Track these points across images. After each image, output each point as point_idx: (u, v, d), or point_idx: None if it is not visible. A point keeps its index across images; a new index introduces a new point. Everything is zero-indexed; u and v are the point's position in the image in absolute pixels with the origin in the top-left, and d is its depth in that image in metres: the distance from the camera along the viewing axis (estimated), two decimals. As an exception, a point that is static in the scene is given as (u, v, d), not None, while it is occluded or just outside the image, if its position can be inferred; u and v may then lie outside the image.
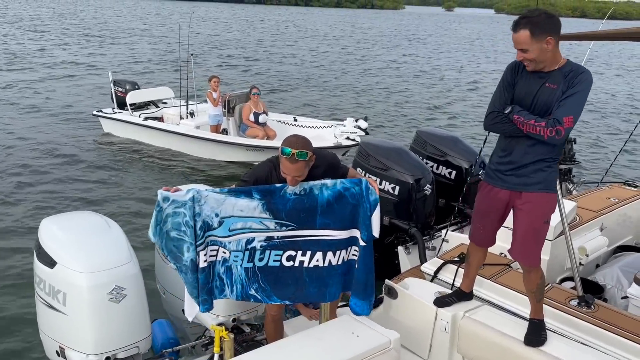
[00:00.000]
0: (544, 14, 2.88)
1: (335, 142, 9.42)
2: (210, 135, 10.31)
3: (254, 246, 3.00)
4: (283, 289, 3.10)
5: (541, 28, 2.82)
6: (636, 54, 38.98)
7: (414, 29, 62.47)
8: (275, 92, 18.22)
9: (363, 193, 3.01)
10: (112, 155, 10.62)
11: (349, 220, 3.04)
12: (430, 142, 6.07)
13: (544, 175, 2.99)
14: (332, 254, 3.07)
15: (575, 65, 2.94)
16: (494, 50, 39.03)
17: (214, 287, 3.05)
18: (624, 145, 6.90)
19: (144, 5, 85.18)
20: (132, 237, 4.43)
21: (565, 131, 2.81)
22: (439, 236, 5.26)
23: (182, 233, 2.88)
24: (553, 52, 2.88)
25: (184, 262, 2.92)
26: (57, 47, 27.74)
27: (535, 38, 2.83)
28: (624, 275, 4.28)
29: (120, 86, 11.66)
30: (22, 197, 8.36)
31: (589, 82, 2.86)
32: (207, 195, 2.90)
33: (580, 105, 2.85)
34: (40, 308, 3.35)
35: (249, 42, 35.91)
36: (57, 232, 3.37)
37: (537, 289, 3.14)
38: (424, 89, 20.74)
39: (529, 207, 3.02)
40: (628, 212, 5.28)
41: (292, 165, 2.87)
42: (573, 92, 2.83)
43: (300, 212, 2.99)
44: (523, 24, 2.86)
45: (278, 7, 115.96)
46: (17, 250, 6.51)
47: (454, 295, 3.48)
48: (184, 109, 10.78)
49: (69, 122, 13.00)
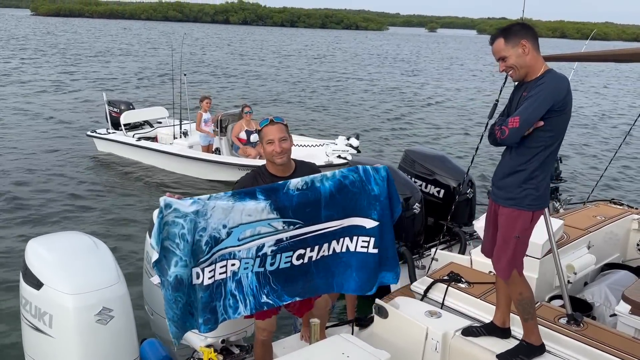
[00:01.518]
0: (517, 24, 2.97)
1: (327, 161, 9.43)
2: (203, 155, 10.29)
3: (264, 252, 2.97)
4: (292, 286, 3.08)
5: (514, 33, 2.90)
6: (618, 73, 39.70)
7: (405, 49, 63.23)
8: (265, 108, 18.28)
9: (363, 178, 3.04)
10: (103, 176, 10.55)
11: (351, 208, 3.06)
12: (418, 161, 6.11)
13: (517, 191, 2.97)
14: (336, 242, 3.10)
15: (547, 73, 2.91)
16: (477, 70, 39.56)
17: (227, 307, 2.95)
18: (609, 163, 6.98)
19: (137, 26, 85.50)
20: (120, 257, 4.39)
21: (509, 131, 2.82)
22: (429, 255, 5.27)
23: (174, 245, 2.75)
24: (532, 58, 2.90)
25: (167, 277, 2.77)
26: (51, 67, 27.79)
27: (509, 43, 2.90)
28: (612, 292, 4.31)
29: (114, 106, 11.66)
30: (9, 217, 8.25)
31: (545, 85, 2.83)
32: (213, 206, 2.80)
33: (529, 108, 2.81)
34: (25, 330, 3.28)
35: (237, 62, 36.11)
36: (43, 252, 3.32)
37: (518, 304, 3.11)
38: (415, 109, 20.92)
39: (501, 220, 3.07)
40: (614, 230, 5.33)
41: (273, 127, 3.12)
42: (528, 96, 2.87)
43: (306, 207, 2.98)
44: (497, 34, 2.98)
45: (265, 28, 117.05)
46: (2, 272, 6.41)
47: (484, 328, 3.38)
48: (177, 129, 10.80)
49: (61, 142, 12.93)
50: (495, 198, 3.11)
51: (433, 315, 3.53)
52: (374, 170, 3.08)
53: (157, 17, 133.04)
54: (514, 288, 3.09)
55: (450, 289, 3.86)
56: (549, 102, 2.81)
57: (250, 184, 3.14)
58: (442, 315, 3.54)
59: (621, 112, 22.45)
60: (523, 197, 2.96)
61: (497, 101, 4.44)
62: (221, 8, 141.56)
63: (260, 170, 3.26)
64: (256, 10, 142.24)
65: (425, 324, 3.41)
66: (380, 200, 3.07)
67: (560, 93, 2.83)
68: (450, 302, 3.82)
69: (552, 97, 2.81)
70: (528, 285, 3.14)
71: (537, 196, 2.96)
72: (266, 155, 3.21)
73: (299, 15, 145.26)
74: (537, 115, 2.82)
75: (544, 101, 2.81)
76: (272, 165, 3.23)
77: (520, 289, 3.09)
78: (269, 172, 3.24)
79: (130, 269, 5.39)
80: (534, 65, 2.92)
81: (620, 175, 12.64)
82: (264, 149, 3.19)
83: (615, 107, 23.78)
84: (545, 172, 2.96)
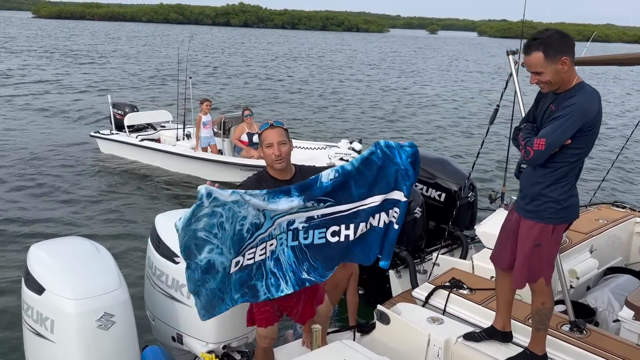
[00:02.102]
0: (555, 33, 2.74)
1: (329, 163, 9.41)
2: (205, 155, 10.34)
3: (295, 227, 3.00)
4: (331, 261, 3.10)
5: (555, 49, 2.70)
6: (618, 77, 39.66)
7: (409, 51, 63.29)
8: (267, 112, 18.29)
9: (387, 153, 2.99)
10: (106, 179, 10.54)
11: (385, 183, 3.03)
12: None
13: (536, 204, 2.91)
14: (373, 218, 3.10)
15: (579, 88, 2.78)
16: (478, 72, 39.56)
17: (270, 286, 2.99)
18: (611, 166, 6.97)
19: (140, 28, 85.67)
20: (122, 262, 4.38)
21: (534, 153, 2.73)
22: (430, 259, 5.26)
23: (211, 236, 2.74)
24: (569, 74, 2.77)
25: (197, 260, 2.76)
26: (56, 69, 27.92)
27: (549, 59, 2.71)
28: (615, 298, 4.29)
29: (119, 109, 11.76)
30: (12, 221, 8.24)
31: (577, 106, 2.70)
32: (249, 199, 2.81)
33: (557, 130, 2.71)
34: (27, 336, 3.29)
35: (239, 64, 36.15)
36: (45, 258, 3.34)
37: (536, 313, 3.06)
38: (415, 110, 20.91)
39: (522, 232, 3.01)
40: (617, 233, 5.31)
41: (273, 131, 3.14)
42: (556, 115, 2.75)
43: (339, 191, 2.99)
44: (535, 45, 2.73)
45: (265, 30, 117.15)
46: (4, 277, 6.41)
47: (484, 332, 3.34)
48: (180, 132, 10.89)
49: (64, 145, 12.95)
50: (518, 209, 3.07)
51: (435, 322, 3.52)
52: (398, 146, 3.00)
53: (158, 19, 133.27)
54: (538, 297, 3.05)
55: (452, 295, 3.85)
56: (578, 125, 2.71)
57: (253, 185, 3.14)
58: (444, 322, 3.53)
59: (621, 114, 22.42)
60: (542, 210, 2.90)
61: (498, 106, 4.43)
62: (222, 10, 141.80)
63: (262, 174, 3.27)
64: (257, 13, 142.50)
65: (427, 330, 3.41)
66: (409, 175, 3.02)
67: (590, 114, 2.72)
68: (452, 308, 3.80)
69: (581, 120, 2.71)
70: (552, 297, 3.10)
71: (558, 209, 2.88)
72: (265, 159, 3.21)
73: (299, 17, 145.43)
74: (565, 138, 2.72)
75: (573, 124, 2.70)
76: (273, 169, 3.23)
77: (544, 299, 3.04)
78: (270, 176, 3.24)
79: (132, 274, 5.38)
80: (569, 79, 2.80)
81: (622, 177, 12.61)
82: (263, 152, 3.20)
83: (614, 110, 23.75)
84: (569, 184, 2.87)
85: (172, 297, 3.68)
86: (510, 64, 4.16)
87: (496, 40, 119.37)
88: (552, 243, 2.98)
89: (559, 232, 2.96)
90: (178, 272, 3.62)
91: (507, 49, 4.20)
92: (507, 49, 4.20)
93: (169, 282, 3.69)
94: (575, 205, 2.95)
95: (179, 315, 3.69)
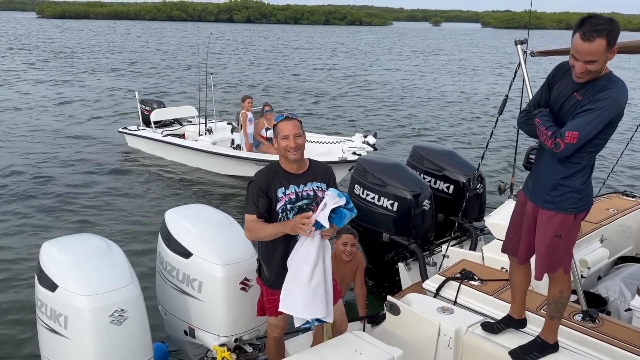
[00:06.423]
0: (613, 21, 2.56)
1: (341, 157, 9.40)
2: (222, 150, 10.52)
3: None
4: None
5: (614, 38, 2.55)
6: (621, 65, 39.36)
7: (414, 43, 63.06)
8: (282, 108, 18.33)
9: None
10: (122, 175, 10.69)
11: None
12: (426, 157, 6.09)
13: (557, 194, 2.86)
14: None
15: (609, 79, 2.69)
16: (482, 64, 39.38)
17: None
18: (621, 154, 6.90)
19: (155, 26, 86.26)
20: (133, 258, 4.40)
21: (565, 146, 2.66)
22: (439, 251, 5.26)
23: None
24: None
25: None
26: (82, 65, 28.27)
27: (608, 49, 2.56)
28: (626, 287, 4.28)
29: (146, 105, 12.13)
30: (26, 215, 8.36)
31: (612, 100, 2.62)
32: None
33: (591, 124, 2.63)
34: (41, 332, 3.32)
35: (249, 60, 36.16)
36: (58, 255, 3.36)
37: (553, 302, 3.04)
38: (430, 106, 20.86)
39: (541, 223, 2.97)
40: (627, 222, 5.29)
41: (288, 123, 3.18)
42: (589, 107, 2.65)
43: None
44: (599, 31, 2.52)
45: (269, 25, 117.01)
46: (18, 274, 6.46)
47: (502, 322, 3.33)
48: (202, 127, 11.08)
49: (92, 140, 13.37)
50: (534, 200, 3.01)
51: (445, 312, 3.51)
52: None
53: (161, 17, 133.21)
54: (556, 286, 3.02)
55: (463, 286, 3.85)
56: (610, 117, 2.66)
57: (266, 179, 3.18)
58: (455, 312, 3.53)
59: (632, 102, 22.25)
60: (563, 201, 2.87)
61: (506, 96, 4.41)
62: (225, 7, 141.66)
63: (274, 167, 3.26)
64: (260, 8, 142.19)
65: (438, 320, 3.40)
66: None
67: (621, 106, 2.68)
68: (463, 299, 3.80)
69: (613, 112, 2.66)
70: (570, 286, 3.07)
71: (579, 199, 2.86)
72: (280, 150, 3.20)
73: (302, 12, 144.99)
74: (596, 132, 2.68)
75: (606, 118, 2.65)
76: (286, 162, 3.23)
77: (562, 287, 3.01)
78: (282, 169, 3.24)
79: (143, 270, 5.42)
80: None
81: (633, 166, 12.53)
82: (278, 144, 3.19)
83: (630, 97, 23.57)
84: (587, 174, 2.85)
85: (183, 292, 3.71)
86: (519, 53, 4.13)
87: (499, 31, 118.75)
88: (573, 232, 2.96)
89: (578, 221, 2.95)
90: (188, 267, 3.65)
91: (515, 39, 4.17)
92: (515, 39, 4.17)
93: (180, 277, 3.71)
94: (591, 193, 2.94)
95: (190, 310, 3.71)
